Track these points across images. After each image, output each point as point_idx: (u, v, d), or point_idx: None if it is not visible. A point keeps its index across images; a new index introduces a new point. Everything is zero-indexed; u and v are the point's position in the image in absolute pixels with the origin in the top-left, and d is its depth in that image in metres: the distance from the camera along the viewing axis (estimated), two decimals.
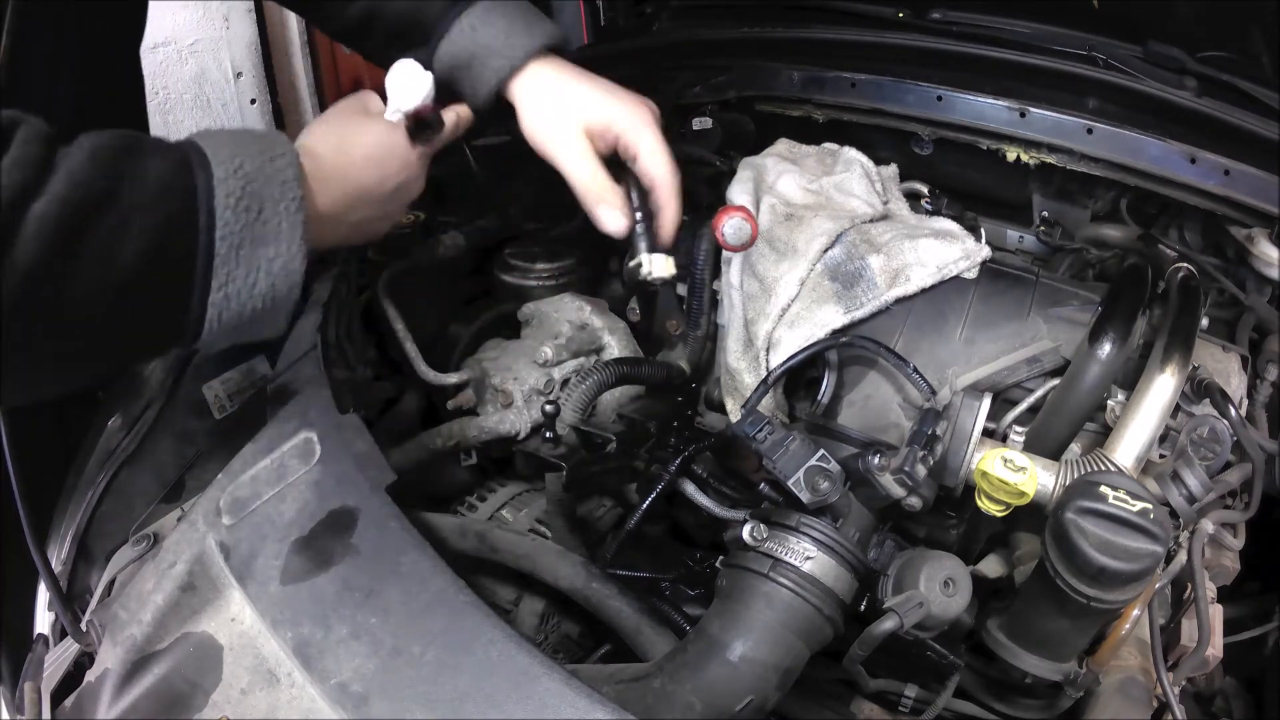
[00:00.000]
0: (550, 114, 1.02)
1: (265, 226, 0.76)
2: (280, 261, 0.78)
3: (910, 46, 1.46)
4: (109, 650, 0.90)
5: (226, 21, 2.12)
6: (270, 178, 0.77)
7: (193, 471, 1.06)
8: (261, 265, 0.77)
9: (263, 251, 0.77)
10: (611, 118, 1.01)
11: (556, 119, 1.01)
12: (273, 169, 0.78)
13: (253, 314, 0.78)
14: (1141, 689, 0.89)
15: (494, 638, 0.78)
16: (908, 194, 1.42)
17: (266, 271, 0.77)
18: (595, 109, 1.01)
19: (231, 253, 0.74)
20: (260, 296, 0.77)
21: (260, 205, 0.76)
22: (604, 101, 1.02)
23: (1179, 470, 0.91)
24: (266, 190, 0.77)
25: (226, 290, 0.75)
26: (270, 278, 0.77)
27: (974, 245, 1.14)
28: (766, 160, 1.35)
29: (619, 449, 1.07)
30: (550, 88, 1.03)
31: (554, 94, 1.02)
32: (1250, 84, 1.26)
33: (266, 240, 0.77)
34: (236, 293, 0.76)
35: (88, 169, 0.67)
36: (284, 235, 0.78)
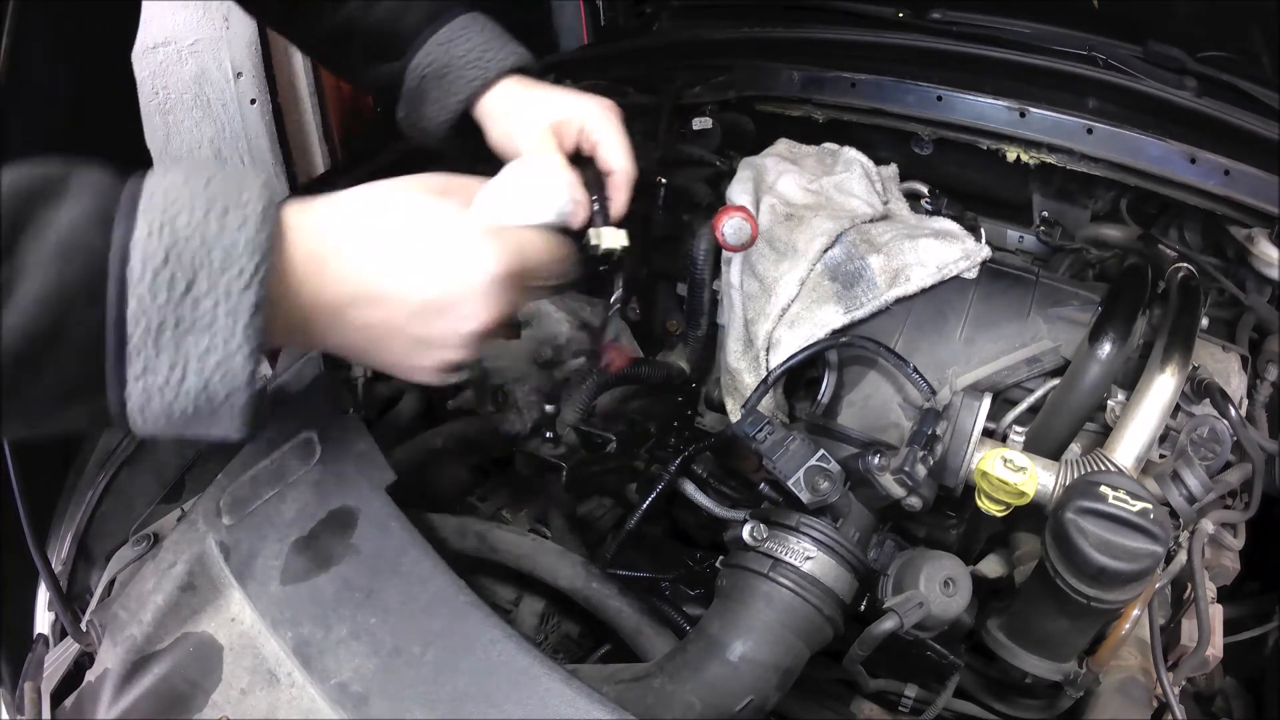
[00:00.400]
0: (513, 122, 1.02)
1: (196, 308, 0.58)
2: (215, 358, 0.59)
3: (910, 46, 1.46)
4: (109, 650, 0.90)
5: (226, 21, 2.12)
6: (210, 241, 0.58)
7: (193, 471, 1.07)
8: (189, 358, 0.59)
9: (190, 341, 0.59)
10: (574, 112, 1.00)
11: (520, 125, 1.02)
12: (220, 226, 0.58)
13: (184, 415, 0.61)
14: (1141, 689, 0.89)
15: (494, 638, 0.78)
16: (908, 194, 1.42)
17: (196, 370, 0.59)
18: (559, 107, 1.01)
19: (147, 338, 0.58)
20: (188, 397, 0.60)
21: (191, 279, 0.58)
22: (567, 100, 1.02)
23: (1179, 470, 0.91)
24: (201, 260, 0.58)
25: (145, 383, 0.59)
26: (202, 376, 0.59)
27: (974, 245, 1.14)
28: (766, 160, 1.35)
29: (619, 449, 1.07)
30: (516, 98, 1.04)
31: (520, 102, 1.03)
32: (1250, 84, 1.26)
33: (196, 327, 0.58)
34: (159, 389, 0.59)
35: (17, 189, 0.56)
36: (219, 325, 0.59)
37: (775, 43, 1.60)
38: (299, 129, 2.43)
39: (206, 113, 2.18)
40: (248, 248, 0.59)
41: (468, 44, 1.04)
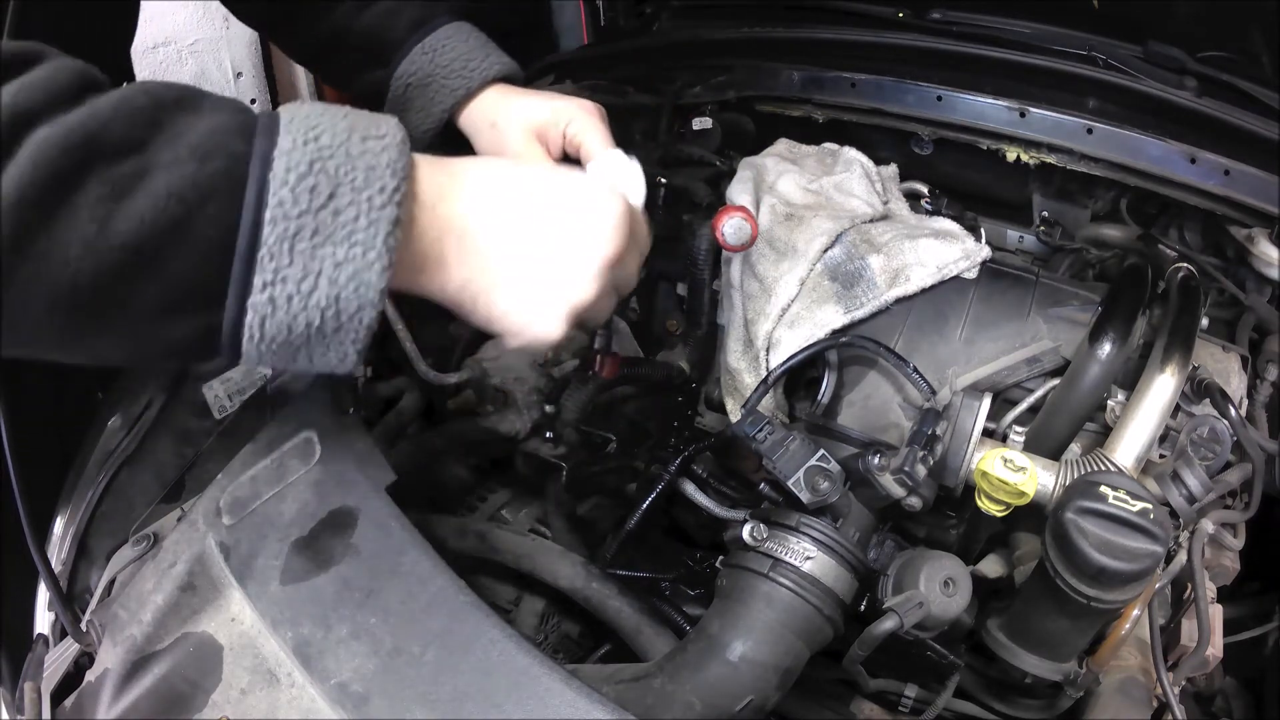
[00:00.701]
0: (498, 130, 1.03)
1: (336, 218, 0.58)
2: (350, 269, 0.59)
3: (910, 46, 1.46)
4: (109, 650, 0.90)
5: (226, 21, 2.11)
6: (355, 158, 0.59)
7: (193, 471, 1.07)
8: (324, 268, 0.59)
9: (327, 251, 0.58)
10: (556, 114, 1.00)
11: (504, 132, 1.03)
12: (362, 148, 0.60)
13: (307, 331, 0.60)
14: (1141, 689, 0.89)
15: (494, 638, 0.78)
16: (908, 194, 1.42)
17: (330, 279, 0.59)
18: (540, 111, 1.01)
19: (283, 243, 0.57)
20: (317, 309, 0.59)
21: (333, 189, 0.58)
22: (549, 104, 1.01)
23: (1179, 470, 0.91)
24: (346, 172, 0.59)
25: (273, 292, 0.58)
26: (334, 287, 0.59)
27: (974, 245, 1.14)
28: (766, 160, 1.35)
29: (619, 449, 1.07)
30: (497, 108, 1.05)
31: (503, 110, 1.04)
32: (1250, 84, 1.26)
33: (335, 236, 0.58)
34: (286, 298, 0.58)
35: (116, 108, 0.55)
36: (360, 235, 0.59)
37: (775, 43, 1.60)
38: None
39: None
40: (389, 168, 0.60)
41: (452, 53, 1.05)
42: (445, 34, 1.06)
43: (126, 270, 0.55)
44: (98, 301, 0.56)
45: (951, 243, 1.14)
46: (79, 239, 0.53)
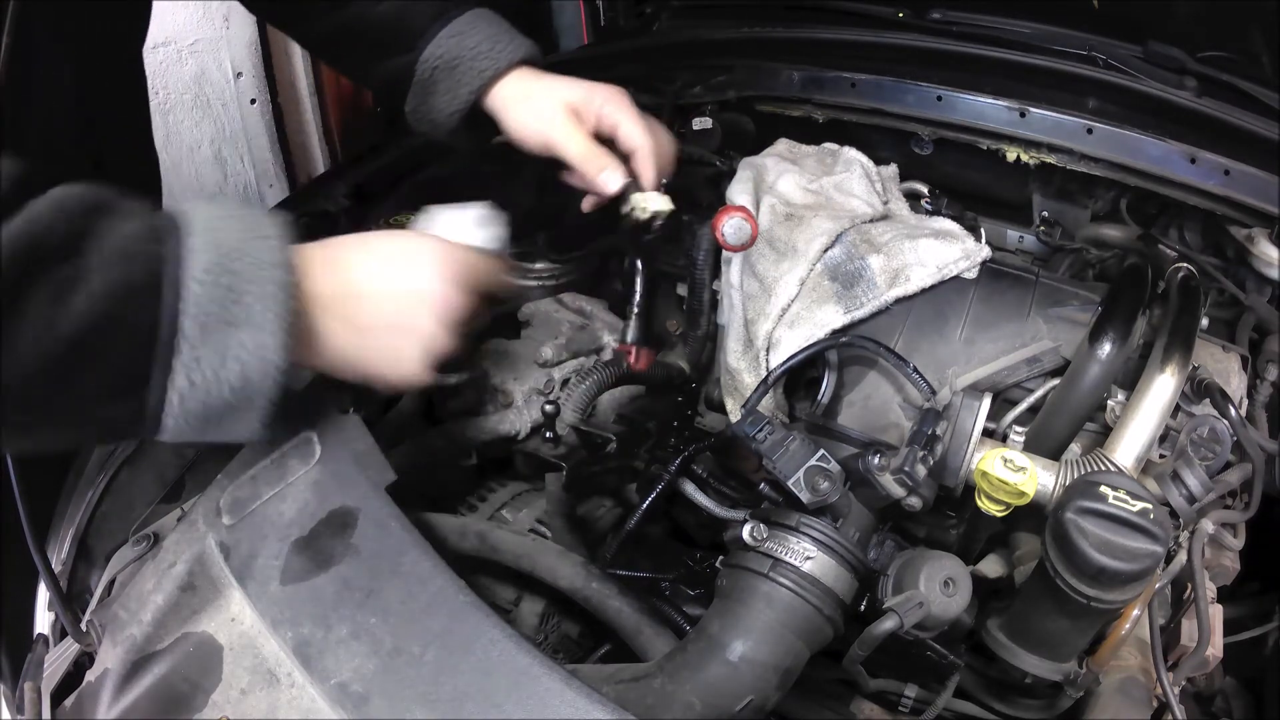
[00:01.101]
0: (534, 104, 1.06)
1: (240, 306, 0.68)
2: (254, 347, 0.69)
3: (910, 46, 1.46)
4: (109, 650, 0.90)
5: (226, 21, 2.11)
6: (251, 255, 0.70)
7: (193, 471, 1.07)
8: (232, 350, 0.69)
9: (235, 336, 0.68)
10: (591, 93, 1.05)
11: (540, 107, 1.05)
12: (254, 247, 0.70)
13: (221, 406, 0.70)
14: (1141, 689, 0.89)
15: (494, 638, 0.78)
16: (908, 194, 1.42)
17: (237, 358, 0.69)
18: (575, 90, 1.06)
19: (199, 332, 0.67)
20: (229, 386, 0.69)
21: (235, 285, 0.68)
22: (581, 85, 1.06)
23: (1179, 470, 0.91)
24: (245, 269, 0.69)
25: (191, 375, 0.68)
26: (240, 364, 0.69)
27: (974, 245, 1.14)
28: (766, 160, 1.35)
29: (619, 449, 1.07)
30: (529, 86, 1.07)
31: (533, 89, 1.07)
32: (1250, 84, 1.26)
33: (240, 323, 0.68)
34: (203, 378, 0.68)
35: (51, 216, 0.63)
36: (259, 319, 0.69)
37: (775, 43, 1.61)
38: (299, 129, 2.42)
39: (206, 113, 2.17)
40: (278, 264, 0.71)
41: (477, 36, 1.06)
42: (469, 19, 1.07)
43: (71, 362, 0.64)
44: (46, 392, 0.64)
45: (951, 243, 1.14)
46: (30, 337, 0.62)
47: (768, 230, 1.19)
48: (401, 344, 0.82)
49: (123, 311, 0.64)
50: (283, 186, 2.38)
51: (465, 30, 1.06)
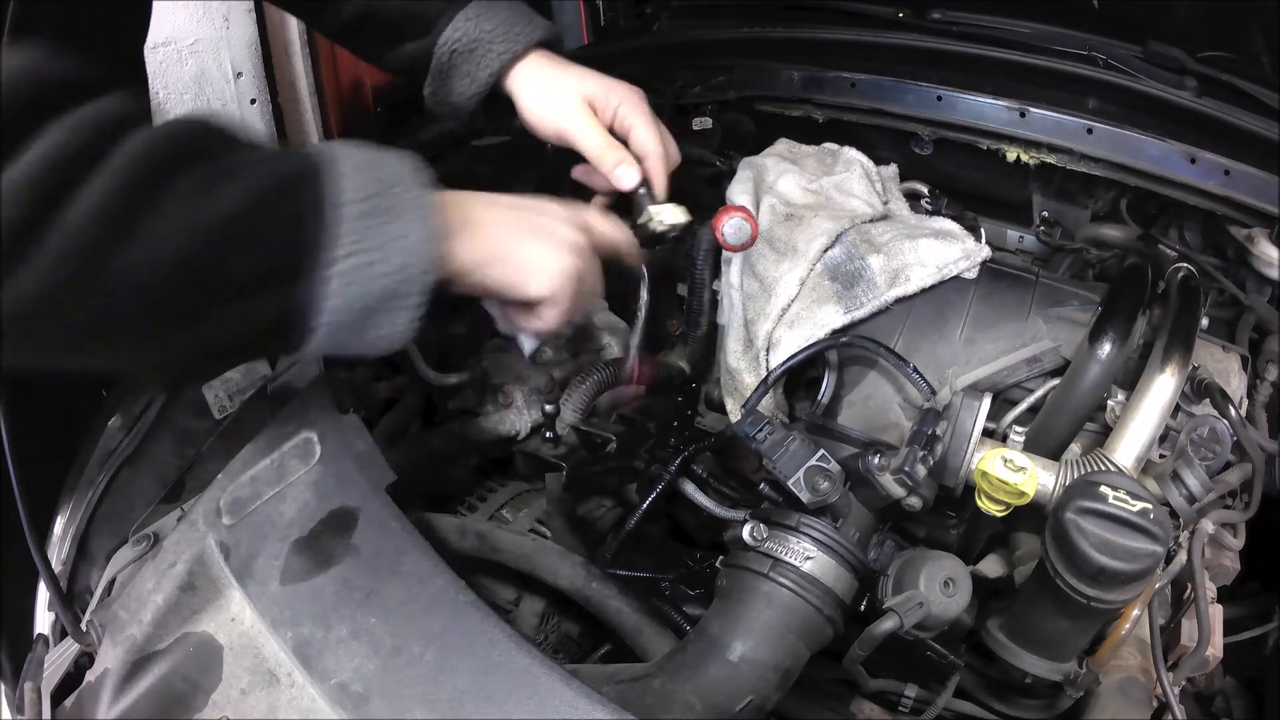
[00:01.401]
0: (552, 93, 1.05)
1: (391, 200, 0.69)
2: (412, 239, 0.70)
3: (910, 46, 1.46)
4: (109, 650, 0.90)
5: (226, 21, 2.11)
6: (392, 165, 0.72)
7: (193, 471, 1.07)
8: (392, 240, 0.69)
9: (395, 224, 0.69)
10: (609, 89, 1.05)
11: (559, 96, 1.05)
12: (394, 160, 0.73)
13: (380, 295, 0.69)
14: (1141, 689, 0.89)
15: (494, 638, 0.78)
16: (908, 194, 1.42)
17: (398, 248, 0.69)
18: (592, 84, 1.05)
19: (359, 221, 0.67)
20: (389, 276, 0.69)
21: (382, 183, 0.70)
22: (600, 79, 1.06)
23: (1179, 470, 0.91)
24: (390, 173, 0.71)
25: (350, 264, 0.67)
26: (403, 255, 0.69)
27: (974, 245, 1.14)
28: (766, 160, 1.34)
29: (619, 449, 1.07)
30: (548, 73, 1.06)
31: (552, 76, 1.06)
32: (1250, 84, 1.26)
33: (395, 215, 0.69)
34: (362, 268, 0.67)
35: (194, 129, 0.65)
36: (411, 214, 0.70)
37: (775, 43, 1.60)
38: (299, 129, 2.42)
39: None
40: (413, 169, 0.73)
41: (494, 19, 1.05)
42: (486, 2, 1.06)
43: (222, 246, 0.62)
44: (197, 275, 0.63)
45: (951, 243, 1.14)
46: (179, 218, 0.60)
47: (768, 230, 1.19)
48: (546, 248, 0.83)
49: (279, 200, 0.65)
50: None
51: (482, 13, 1.05)
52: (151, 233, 0.59)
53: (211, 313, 0.65)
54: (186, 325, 0.65)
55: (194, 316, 0.65)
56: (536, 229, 0.84)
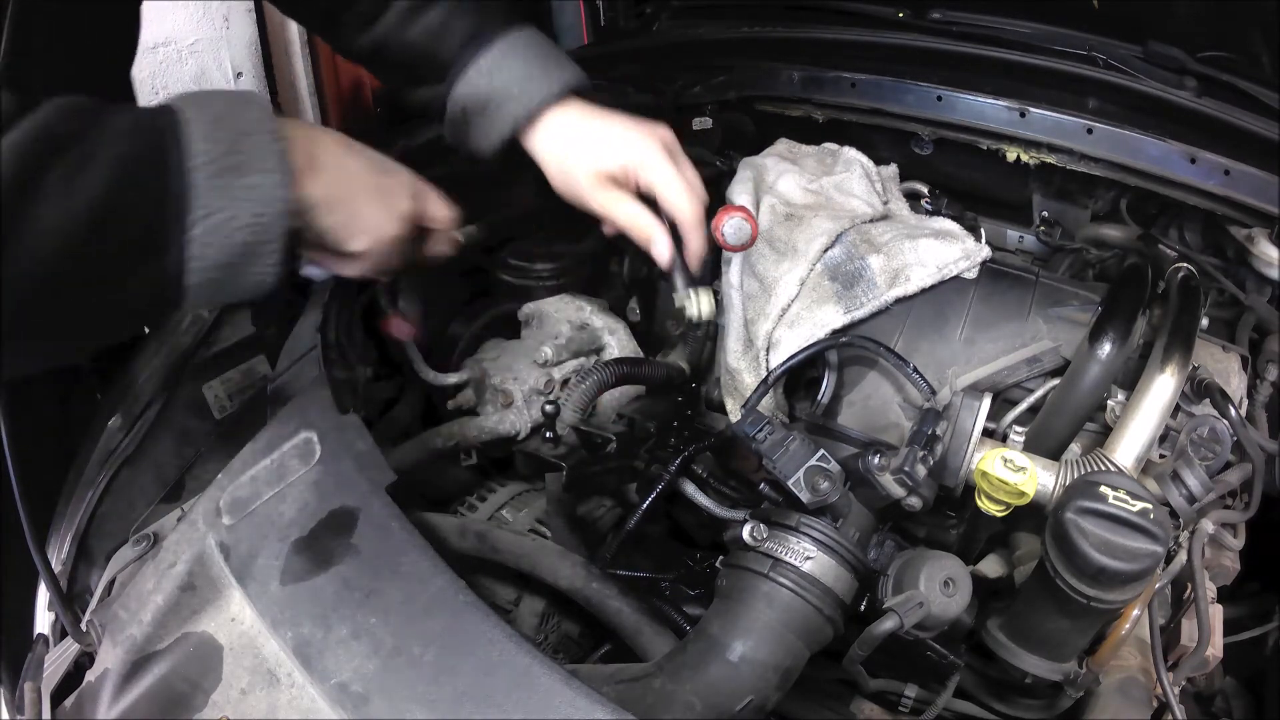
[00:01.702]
0: (572, 167, 1.03)
1: (241, 155, 0.72)
2: (263, 189, 0.73)
3: (910, 46, 1.46)
4: (109, 650, 0.90)
5: (226, 21, 2.11)
6: (241, 115, 0.74)
7: (193, 471, 1.07)
8: (241, 194, 0.72)
9: (243, 180, 0.72)
10: (625, 161, 1.02)
11: (579, 172, 1.03)
12: (243, 109, 0.75)
13: (240, 250, 0.72)
14: (1141, 689, 0.89)
15: (494, 638, 0.78)
16: (908, 194, 1.42)
17: (248, 199, 0.72)
18: (608, 156, 1.02)
19: (209, 182, 0.70)
20: (245, 228, 0.72)
21: (234, 138, 0.72)
22: (614, 147, 1.02)
23: (1179, 470, 0.91)
24: (239, 125, 0.73)
25: (207, 223, 0.70)
26: (253, 205, 0.72)
27: (974, 245, 1.14)
28: (766, 160, 1.34)
29: (619, 449, 1.07)
30: (564, 140, 1.04)
31: (570, 146, 1.03)
32: (1250, 84, 1.26)
33: (244, 169, 0.72)
34: (218, 225, 0.71)
35: (54, 114, 0.66)
36: (262, 163, 0.73)
37: (775, 43, 1.60)
38: None
39: None
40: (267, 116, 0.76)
41: (506, 75, 1.01)
42: (500, 52, 1.02)
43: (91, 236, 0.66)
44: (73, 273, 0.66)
45: (951, 243, 1.14)
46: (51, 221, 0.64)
47: (768, 230, 1.19)
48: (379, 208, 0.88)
49: (135, 178, 0.68)
50: None
51: (498, 66, 1.02)
52: (27, 237, 0.63)
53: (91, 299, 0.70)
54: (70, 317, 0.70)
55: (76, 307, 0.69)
56: (377, 187, 0.88)
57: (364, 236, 0.87)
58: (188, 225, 0.70)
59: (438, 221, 0.97)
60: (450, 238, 1.01)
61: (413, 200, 0.91)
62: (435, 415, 1.25)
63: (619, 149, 1.02)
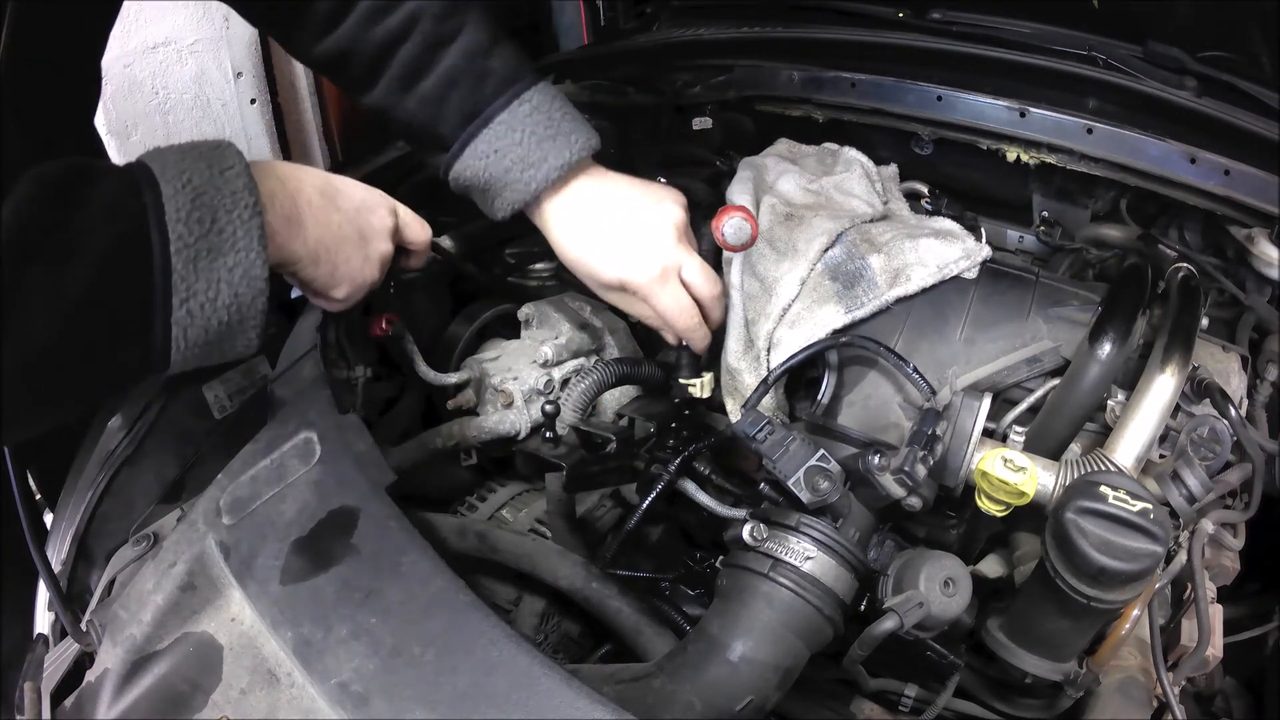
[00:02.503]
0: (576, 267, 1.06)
1: (220, 236, 0.74)
2: (240, 270, 0.75)
3: (910, 46, 1.46)
4: (109, 650, 0.90)
5: (226, 21, 2.11)
6: (220, 188, 0.75)
7: (193, 471, 1.07)
8: (221, 276, 0.74)
9: (221, 262, 0.74)
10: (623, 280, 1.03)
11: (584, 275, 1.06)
12: (222, 180, 0.76)
13: (220, 329, 0.76)
14: (1141, 689, 0.89)
15: (494, 638, 0.78)
16: (908, 194, 1.42)
17: (228, 281, 0.75)
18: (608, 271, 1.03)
19: (188, 266, 0.72)
20: (224, 309, 0.75)
21: (213, 215, 0.74)
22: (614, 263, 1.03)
23: (1179, 470, 0.91)
24: (218, 200, 0.75)
25: (189, 306, 0.73)
26: (232, 287, 0.75)
27: (974, 245, 1.14)
28: (766, 160, 1.34)
29: (619, 449, 1.07)
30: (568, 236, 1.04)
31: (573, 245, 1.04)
32: (1250, 84, 1.26)
33: (223, 249, 0.74)
34: (200, 307, 0.74)
35: (32, 199, 0.66)
36: (241, 243, 0.75)
37: (775, 43, 1.60)
38: (299, 129, 2.42)
39: (206, 113, 2.17)
40: (245, 189, 0.77)
41: (507, 158, 1.00)
42: (499, 131, 1.00)
43: (80, 324, 0.68)
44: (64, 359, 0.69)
45: (952, 242, 1.14)
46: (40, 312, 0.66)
47: (768, 230, 1.19)
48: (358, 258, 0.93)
49: (118, 266, 0.70)
50: None
51: (493, 150, 1.00)
52: (14, 333, 0.65)
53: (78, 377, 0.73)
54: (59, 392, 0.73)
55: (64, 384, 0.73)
56: (358, 236, 0.93)
57: (346, 285, 0.93)
58: (171, 307, 0.72)
59: (416, 245, 1.02)
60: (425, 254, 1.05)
61: (389, 238, 0.97)
62: (435, 415, 1.25)
63: (617, 267, 1.03)
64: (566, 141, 1.01)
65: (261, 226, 0.77)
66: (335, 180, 0.94)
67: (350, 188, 0.95)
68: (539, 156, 1.00)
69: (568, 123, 1.02)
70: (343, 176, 0.96)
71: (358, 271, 0.94)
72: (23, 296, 0.65)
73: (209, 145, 0.79)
